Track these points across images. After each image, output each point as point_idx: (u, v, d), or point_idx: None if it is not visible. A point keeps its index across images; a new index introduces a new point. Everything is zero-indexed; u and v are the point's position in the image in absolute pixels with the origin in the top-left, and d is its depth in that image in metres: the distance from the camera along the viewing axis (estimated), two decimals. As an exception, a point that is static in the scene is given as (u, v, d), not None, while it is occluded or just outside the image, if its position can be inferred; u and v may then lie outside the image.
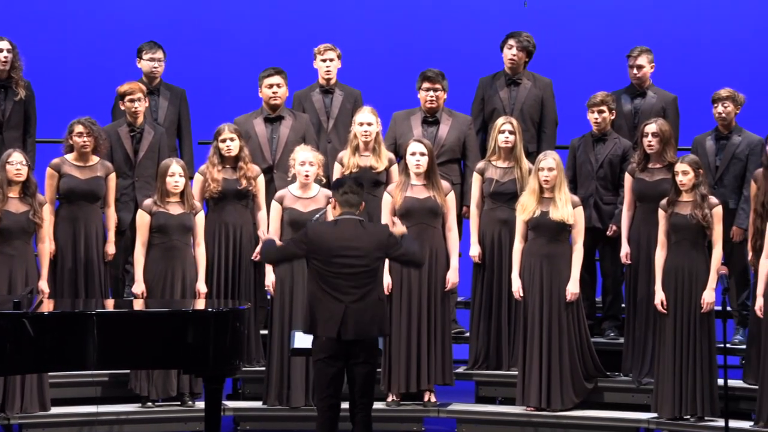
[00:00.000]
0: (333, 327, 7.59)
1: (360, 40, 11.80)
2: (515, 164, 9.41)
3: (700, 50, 11.80)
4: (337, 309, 7.61)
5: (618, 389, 9.31)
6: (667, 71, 10.20)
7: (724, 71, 11.37)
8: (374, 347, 7.70)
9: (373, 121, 9.46)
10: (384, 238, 7.72)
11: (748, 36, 11.82)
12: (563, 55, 11.50)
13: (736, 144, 9.43)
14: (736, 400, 8.98)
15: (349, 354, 7.64)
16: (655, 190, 9.18)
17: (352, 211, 7.74)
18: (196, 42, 12.03)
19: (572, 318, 9.12)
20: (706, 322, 8.87)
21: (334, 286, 7.63)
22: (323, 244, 7.65)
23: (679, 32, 11.80)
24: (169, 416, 9.18)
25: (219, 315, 7.74)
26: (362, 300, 7.62)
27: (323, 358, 7.65)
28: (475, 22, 12.01)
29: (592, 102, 9.56)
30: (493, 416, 9.32)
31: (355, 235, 7.66)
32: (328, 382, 7.65)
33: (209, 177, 9.43)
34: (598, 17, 11.99)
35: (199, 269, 9.23)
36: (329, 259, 7.63)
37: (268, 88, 9.85)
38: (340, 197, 7.75)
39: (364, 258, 7.63)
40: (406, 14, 12.20)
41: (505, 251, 9.39)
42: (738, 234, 9.37)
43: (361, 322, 7.60)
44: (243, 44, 12.08)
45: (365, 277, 7.63)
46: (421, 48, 11.86)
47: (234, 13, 12.24)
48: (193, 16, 12.19)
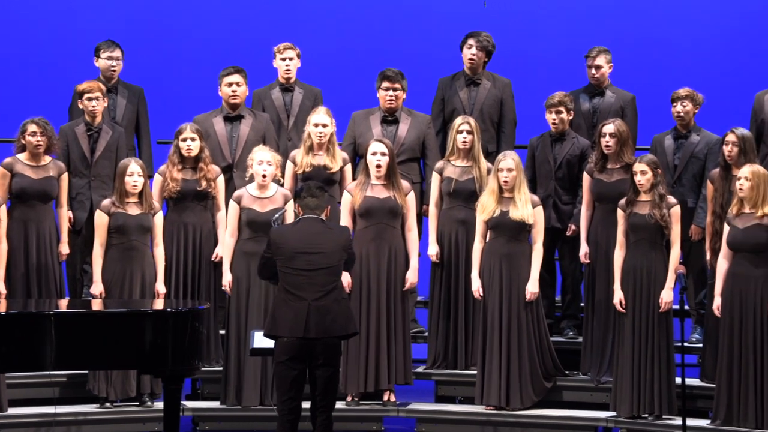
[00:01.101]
0: (297, 326, 7.59)
1: (320, 39, 11.79)
2: (473, 164, 9.43)
3: (658, 50, 11.85)
4: (301, 307, 7.62)
5: (577, 388, 9.35)
6: (626, 71, 10.25)
7: (683, 71, 11.43)
8: (336, 350, 7.69)
9: (327, 122, 9.47)
10: (347, 239, 7.82)
11: (706, 36, 11.89)
12: (522, 55, 11.53)
13: (694, 143, 9.48)
14: (694, 399, 9.03)
15: (311, 355, 7.63)
16: (613, 191, 9.22)
17: (314, 212, 7.77)
18: (154, 40, 11.98)
19: (531, 317, 9.15)
20: (664, 321, 8.92)
21: (297, 285, 7.65)
22: (286, 244, 7.69)
23: (638, 32, 11.85)
24: (127, 417, 9.15)
25: (178, 315, 7.72)
26: (325, 298, 7.65)
27: (285, 360, 7.65)
28: (434, 22, 12.02)
29: (550, 103, 9.59)
30: (453, 415, 9.33)
31: (316, 233, 7.73)
32: (290, 385, 7.65)
33: (169, 177, 9.39)
34: (557, 17, 12.03)
35: (158, 270, 9.19)
36: (292, 258, 7.66)
37: (227, 86, 9.83)
38: (300, 201, 7.84)
39: (326, 256, 7.68)
40: (366, 14, 12.20)
41: (462, 250, 9.41)
42: (696, 233, 9.42)
43: (324, 321, 7.62)
44: (202, 43, 12.04)
45: (327, 275, 7.67)
46: (381, 47, 11.86)
47: (193, 12, 12.20)
48: (152, 14, 12.14)
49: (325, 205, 7.86)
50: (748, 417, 8.59)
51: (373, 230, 9.14)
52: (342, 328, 7.70)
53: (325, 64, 11.43)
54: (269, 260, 7.82)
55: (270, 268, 7.86)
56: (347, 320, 7.73)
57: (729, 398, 8.65)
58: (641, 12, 11.97)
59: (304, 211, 7.83)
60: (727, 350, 8.67)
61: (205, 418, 9.33)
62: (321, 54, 11.40)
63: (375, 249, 9.15)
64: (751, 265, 8.64)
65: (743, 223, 8.66)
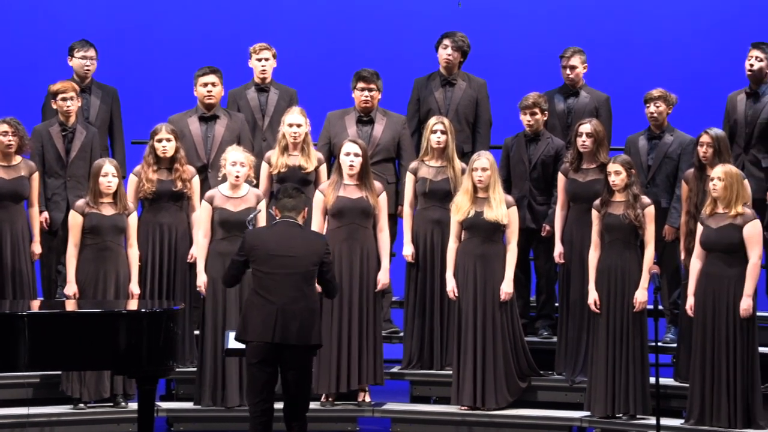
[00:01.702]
0: (266, 329, 7.56)
1: (295, 40, 11.78)
2: (448, 164, 9.44)
3: (632, 51, 11.89)
4: (270, 311, 7.59)
5: (551, 388, 9.37)
6: (600, 71, 10.28)
7: (656, 71, 11.46)
8: (306, 354, 7.65)
9: (302, 122, 9.47)
10: (321, 248, 7.75)
11: (679, 36, 11.92)
12: (497, 56, 11.54)
13: (668, 143, 9.51)
14: (668, 398, 9.06)
15: (280, 359, 7.61)
16: (588, 191, 9.24)
17: (290, 215, 7.74)
18: (128, 40, 11.95)
19: (506, 317, 9.17)
20: (639, 321, 8.95)
21: (268, 289, 7.62)
22: (261, 246, 7.67)
23: (612, 33, 11.88)
24: (101, 418, 9.13)
25: (152, 315, 7.70)
26: (294, 303, 7.61)
27: (255, 362, 7.63)
28: (409, 22, 12.03)
29: (524, 104, 9.61)
30: (428, 416, 9.34)
31: (291, 237, 7.69)
32: (261, 388, 7.64)
33: (144, 177, 9.38)
34: (532, 18, 12.05)
35: (132, 270, 9.17)
36: (265, 260, 7.64)
37: (203, 86, 9.82)
38: (277, 203, 7.81)
39: (299, 260, 7.64)
40: (342, 14, 12.19)
41: (437, 251, 9.42)
42: (670, 233, 9.45)
43: (292, 327, 7.58)
44: (177, 43, 12.02)
45: (299, 280, 7.63)
46: (356, 48, 11.86)
47: (168, 12, 12.17)
48: (126, 14, 12.11)
49: (302, 207, 7.84)
50: (720, 416, 8.63)
51: (345, 230, 9.14)
52: (306, 337, 7.63)
53: (300, 64, 11.43)
54: (239, 264, 7.76)
55: (236, 274, 7.81)
56: (312, 330, 7.65)
57: (702, 398, 8.68)
58: (615, 13, 12.00)
59: (281, 212, 7.79)
60: (700, 350, 8.70)
61: (179, 418, 9.31)
62: (296, 54, 11.39)
63: (347, 249, 9.15)
64: (725, 264, 8.67)
65: (716, 223, 8.70)
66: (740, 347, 8.61)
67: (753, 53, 9.52)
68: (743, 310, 8.60)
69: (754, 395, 8.61)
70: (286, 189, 7.84)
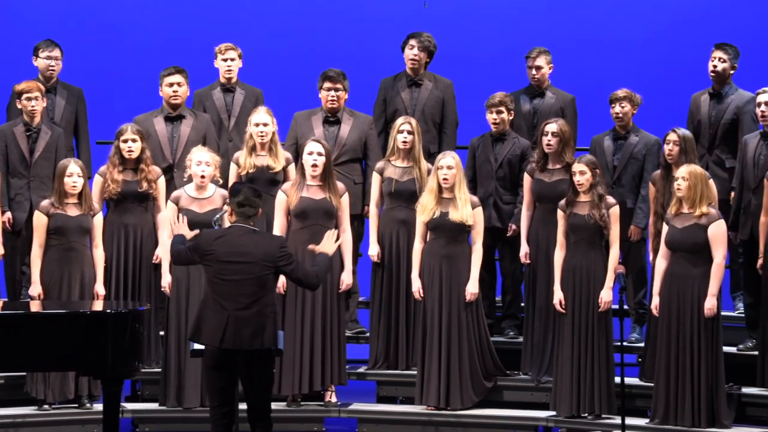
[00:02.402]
0: (218, 335, 7.51)
1: (261, 40, 11.77)
2: (414, 164, 9.45)
3: (597, 51, 11.93)
4: (222, 317, 7.51)
5: (517, 388, 9.38)
6: (565, 72, 10.31)
7: (621, 72, 11.51)
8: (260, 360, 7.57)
9: (268, 122, 9.45)
10: (274, 249, 7.61)
11: (644, 37, 11.97)
12: (463, 56, 11.56)
13: (633, 144, 9.55)
14: (633, 398, 9.10)
15: (234, 364, 7.56)
16: (553, 191, 9.27)
17: (247, 220, 7.65)
18: (94, 40, 11.90)
19: (471, 317, 9.18)
20: (604, 320, 8.98)
21: (221, 294, 7.54)
22: (214, 251, 7.58)
23: (577, 33, 11.92)
24: (66, 419, 9.09)
25: (118, 316, 7.66)
26: (247, 309, 7.51)
27: (210, 366, 7.60)
28: (375, 22, 12.03)
29: (491, 103, 9.63)
30: (394, 416, 9.34)
31: (245, 242, 7.57)
32: (218, 392, 7.59)
33: (109, 178, 9.35)
34: (498, 18, 12.07)
35: (98, 271, 9.14)
36: (219, 266, 7.55)
37: (168, 86, 9.80)
38: (235, 206, 7.68)
39: (251, 266, 7.53)
40: (307, 14, 12.18)
41: (403, 251, 9.43)
42: (636, 233, 9.48)
43: (242, 333, 7.49)
44: (142, 43, 11.98)
45: (252, 286, 7.53)
46: (323, 48, 11.85)
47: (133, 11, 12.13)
48: (92, 13, 12.06)
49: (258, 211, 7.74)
50: (685, 415, 8.67)
51: (308, 231, 9.12)
52: (259, 342, 7.51)
53: (266, 64, 11.42)
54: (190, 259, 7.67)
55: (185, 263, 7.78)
56: (265, 335, 7.52)
57: (667, 397, 8.72)
58: (580, 13, 12.04)
59: (237, 215, 7.69)
60: (665, 349, 8.74)
61: (144, 419, 9.29)
62: (262, 54, 11.38)
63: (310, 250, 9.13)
64: (689, 264, 8.71)
65: (681, 222, 8.74)
66: (704, 347, 8.65)
67: (716, 54, 9.57)
68: (707, 310, 8.64)
69: (718, 394, 8.66)
70: (245, 192, 7.70)
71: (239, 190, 7.72)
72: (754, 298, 9.20)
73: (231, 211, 7.71)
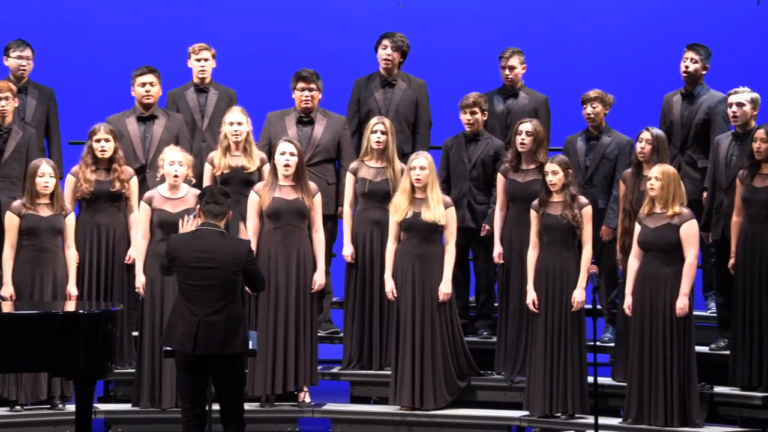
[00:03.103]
0: (186, 341, 7.48)
1: (235, 40, 11.75)
2: (388, 164, 9.45)
3: (570, 52, 11.96)
4: (192, 322, 7.49)
5: (491, 388, 9.40)
6: (539, 72, 10.33)
7: (594, 72, 11.54)
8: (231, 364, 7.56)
9: (243, 121, 9.44)
10: (244, 253, 7.62)
11: (617, 38, 12.01)
12: (437, 57, 11.58)
13: (605, 144, 9.58)
14: (606, 397, 9.12)
15: (204, 368, 7.54)
16: (526, 191, 9.28)
17: (214, 222, 7.63)
18: (65, 40, 11.86)
19: (445, 318, 9.19)
20: (577, 320, 9.00)
21: (190, 299, 7.52)
22: (182, 256, 7.55)
23: (550, 34, 11.95)
24: (38, 420, 9.06)
25: (90, 317, 7.64)
26: (217, 314, 7.50)
27: (182, 369, 7.58)
28: (349, 22, 12.03)
29: (465, 103, 9.64)
30: (368, 416, 9.34)
31: (213, 246, 7.55)
32: (190, 394, 7.57)
33: (82, 178, 9.33)
34: (471, 19, 12.09)
35: (70, 271, 9.11)
36: (187, 271, 7.53)
37: (140, 86, 9.78)
38: (203, 207, 7.65)
39: (220, 270, 7.51)
40: (281, 14, 12.17)
41: (377, 251, 9.43)
42: (607, 233, 9.51)
43: (212, 338, 7.47)
44: (115, 42, 11.95)
45: (222, 290, 7.51)
46: (296, 48, 11.85)
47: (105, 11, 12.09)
48: (63, 13, 12.02)
49: (227, 212, 7.72)
50: (658, 414, 8.70)
51: (280, 232, 9.12)
52: (230, 346, 7.50)
53: (240, 64, 11.40)
54: (167, 268, 7.68)
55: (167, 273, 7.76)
56: (237, 339, 7.52)
57: (639, 396, 8.75)
58: (554, 14, 12.07)
59: (205, 217, 7.65)
60: (637, 349, 8.76)
61: (117, 420, 9.26)
62: (236, 55, 11.37)
63: (283, 250, 9.13)
64: (662, 264, 8.74)
65: (654, 222, 8.77)
66: (677, 346, 8.68)
67: (688, 55, 9.61)
68: (680, 310, 8.67)
69: (691, 394, 8.69)
70: (213, 194, 7.66)
71: (207, 191, 7.73)
72: (725, 298, 9.24)
73: (199, 212, 7.70)
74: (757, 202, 8.91)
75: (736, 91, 9.17)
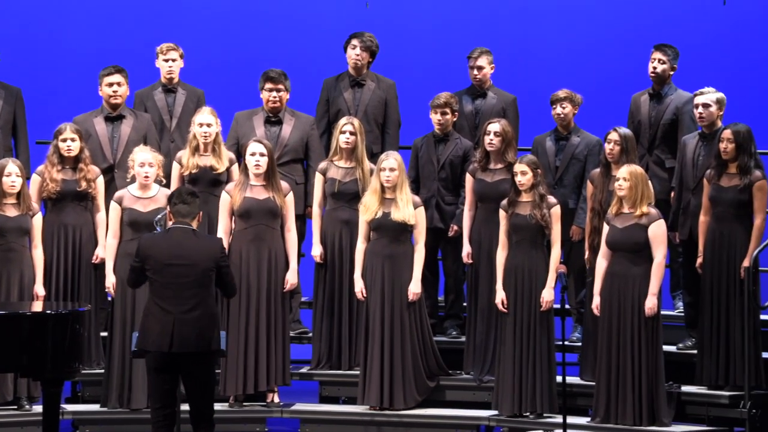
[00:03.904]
0: (164, 339, 7.47)
1: (202, 40, 11.72)
2: (357, 165, 9.46)
3: (538, 52, 11.99)
4: (167, 321, 7.49)
5: (459, 387, 9.41)
6: (507, 73, 10.35)
7: (563, 72, 11.57)
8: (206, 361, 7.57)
9: (212, 122, 9.42)
10: (217, 251, 7.64)
11: (585, 38, 12.05)
12: (405, 56, 11.58)
13: (575, 144, 9.60)
14: (574, 397, 9.15)
15: (179, 366, 7.53)
16: (495, 191, 9.30)
17: (185, 221, 7.64)
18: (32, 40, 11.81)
19: (414, 317, 9.19)
20: (545, 320, 9.02)
21: (164, 297, 7.52)
22: (154, 254, 7.55)
23: (519, 34, 11.97)
24: (5, 421, 9.00)
25: (58, 317, 7.62)
26: (192, 311, 7.50)
27: (154, 368, 7.56)
28: (317, 22, 12.03)
29: (436, 103, 9.65)
30: (337, 416, 9.34)
31: (186, 244, 7.56)
32: (161, 394, 7.56)
33: (48, 177, 9.29)
34: (439, 19, 12.10)
35: (37, 271, 9.07)
36: (160, 269, 7.53)
37: (108, 86, 9.75)
38: (172, 208, 7.67)
39: (194, 268, 7.52)
40: (249, 14, 12.15)
41: (346, 251, 9.43)
42: (577, 233, 9.53)
43: (189, 335, 7.47)
44: (82, 42, 11.90)
45: (196, 288, 7.52)
46: (264, 48, 11.83)
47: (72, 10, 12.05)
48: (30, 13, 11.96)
49: (197, 212, 7.71)
50: (626, 414, 8.73)
51: (252, 231, 9.11)
52: (206, 344, 7.52)
53: (208, 64, 11.37)
54: (138, 270, 7.65)
55: (137, 278, 7.70)
56: (212, 336, 7.54)
57: (608, 396, 8.78)
58: (522, 14, 12.10)
59: (175, 218, 7.66)
60: (606, 349, 8.79)
61: (85, 421, 9.22)
62: (204, 55, 11.34)
63: (254, 250, 9.12)
64: (630, 264, 8.77)
65: (622, 222, 8.80)
66: (645, 346, 8.71)
67: (656, 55, 9.64)
68: (648, 309, 8.70)
69: (658, 393, 8.72)
70: (180, 194, 7.68)
71: (175, 192, 7.74)
72: (693, 298, 9.28)
73: (170, 213, 7.71)
74: (724, 202, 8.96)
75: (703, 92, 9.21)
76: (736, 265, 8.91)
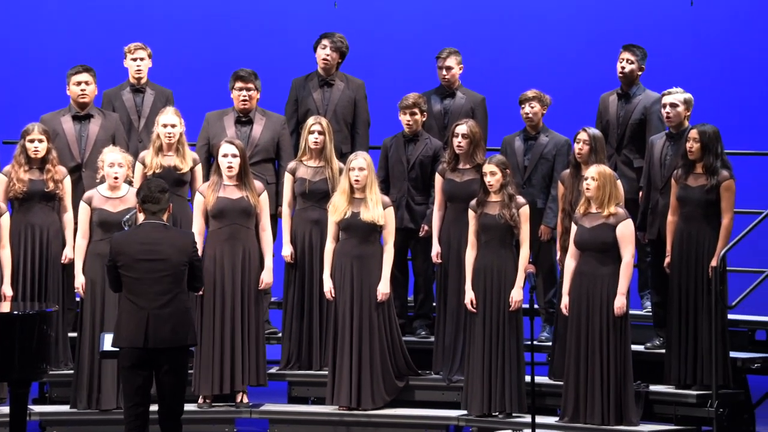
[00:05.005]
0: (138, 335, 7.45)
1: (171, 39, 11.69)
2: (326, 164, 9.46)
3: (507, 52, 12.02)
4: (141, 316, 7.46)
5: (428, 387, 9.42)
6: (476, 72, 10.37)
7: (531, 72, 11.60)
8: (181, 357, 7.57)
9: (176, 122, 9.40)
10: (189, 245, 7.61)
11: (553, 38, 12.08)
12: (375, 57, 11.59)
13: (543, 144, 9.63)
14: (543, 396, 9.17)
15: (153, 362, 7.52)
16: (464, 191, 9.31)
17: (155, 216, 7.61)
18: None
19: (383, 317, 9.20)
20: (514, 320, 9.04)
21: (137, 293, 7.49)
22: (126, 250, 7.52)
23: (487, 34, 12.00)
24: (-28, 423, 8.96)
25: (25, 318, 7.59)
26: (167, 306, 7.48)
27: (128, 366, 7.53)
28: (287, 22, 12.02)
29: (404, 104, 9.65)
30: (306, 416, 9.34)
31: (157, 239, 7.53)
32: (135, 391, 7.53)
33: (15, 177, 9.26)
34: (409, 19, 12.12)
35: (4, 272, 9.04)
36: (132, 265, 7.49)
37: (76, 85, 9.71)
38: (142, 205, 7.63)
39: (167, 262, 7.50)
40: (218, 13, 12.14)
41: (316, 251, 9.43)
42: (546, 233, 9.56)
43: (164, 330, 7.45)
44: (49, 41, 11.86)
45: (169, 283, 7.50)
46: (234, 47, 11.82)
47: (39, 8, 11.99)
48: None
49: (167, 206, 7.68)
50: (594, 413, 8.75)
51: (226, 231, 9.10)
52: (181, 339, 7.50)
53: (177, 64, 11.34)
54: (113, 270, 7.60)
55: (114, 279, 7.63)
56: (187, 331, 7.53)
57: (576, 395, 8.80)
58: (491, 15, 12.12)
59: (146, 214, 7.63)
60: (574, 348, 8.82)
61: (53, 422, 9.19)
62: (173, 54, 11.31)
63: (229, 250, 9.11)
64: (598, 263, 8.80)
65: (590, 222, 8.83)
66: (613, 345, 8.74)
67: (624, 56, 9.68)
68: (617, 309, 8.73)
69: (626, 392, 8.75)
70: (150, 189, 7.62)
71: (143, 187, 7.68)
72: (661, 297, 9.31)
73: (139, 209, 7.67)
74: (691, 201, 9.00)
75: (670, 92, 9.25)
76: (704, 265, 8.95)
